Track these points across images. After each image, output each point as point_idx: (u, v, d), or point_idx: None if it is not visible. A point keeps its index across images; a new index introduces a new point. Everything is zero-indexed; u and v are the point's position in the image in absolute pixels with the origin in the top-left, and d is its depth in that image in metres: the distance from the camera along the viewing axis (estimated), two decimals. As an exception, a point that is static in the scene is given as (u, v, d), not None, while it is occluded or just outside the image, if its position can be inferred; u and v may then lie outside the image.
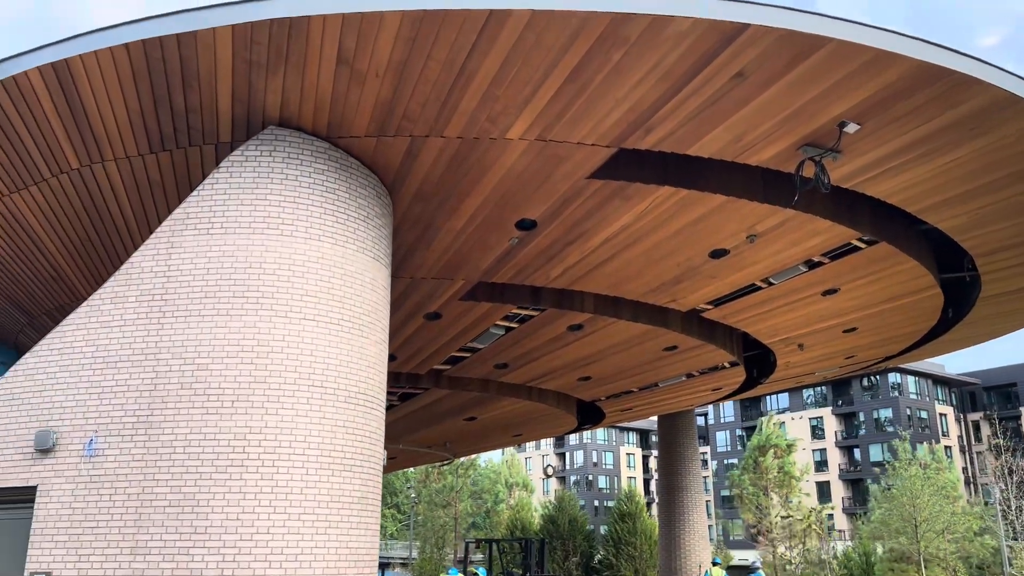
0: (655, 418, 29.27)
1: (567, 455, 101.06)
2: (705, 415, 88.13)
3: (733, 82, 8.39)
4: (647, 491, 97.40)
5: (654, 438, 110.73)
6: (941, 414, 74.72)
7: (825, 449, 75.06)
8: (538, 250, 11.83)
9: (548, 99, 8.64)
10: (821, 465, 73.97)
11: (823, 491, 71.39)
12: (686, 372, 18.67)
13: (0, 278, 13.20)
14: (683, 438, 28.65)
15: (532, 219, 10.96)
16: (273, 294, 8.77)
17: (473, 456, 47.15)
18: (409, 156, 9.62)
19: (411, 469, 54.43)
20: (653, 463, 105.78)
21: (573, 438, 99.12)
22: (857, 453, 73.58)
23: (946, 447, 67.08)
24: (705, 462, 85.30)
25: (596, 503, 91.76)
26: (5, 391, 9.29)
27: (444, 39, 7.76)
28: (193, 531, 8.00)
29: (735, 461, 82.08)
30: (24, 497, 8.77)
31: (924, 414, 72.27)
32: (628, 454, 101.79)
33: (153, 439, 8.37)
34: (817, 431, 76.30)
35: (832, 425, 75.73)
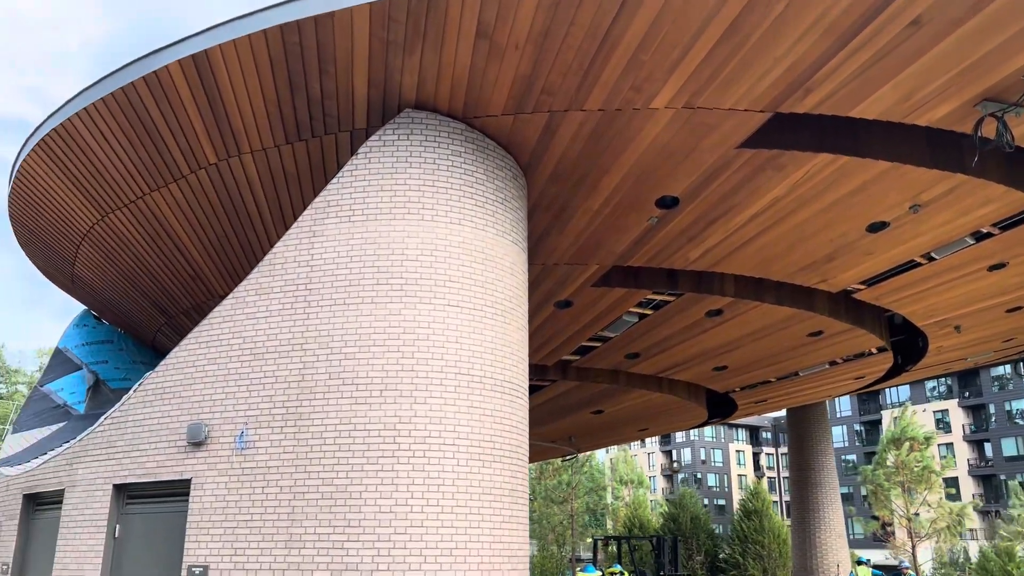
0: (767, 414, 27.93)
1: (674, 452, 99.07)
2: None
3: (907, 32, 7.56)
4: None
5: (765, 435, 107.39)
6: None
7: (952, 444, 70.64)
8: (678, 230, 11.19)
9: (699, 62, 8.03)
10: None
11: (952, 487, 67.27)
12: (830, 360, 17.56)
13: (142, 279, 13.55)
14: (816, 431, 27.23)
15: (674, 196, 10.35)
16: (416, 280, 8.50)
17: (588, 452, 46.60)
18: (546, 133, 9.18)
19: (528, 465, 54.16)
20: (764, 460, 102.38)
21: (680, 435, 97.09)
22: (988, 448, 68.92)
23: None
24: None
25: (706, 501, 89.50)
26: (156, 385, 9.38)
27: (589, 2, 7.27)
28: (347, 524, 7.80)
29: (852, 457, 78.33)
30: (179, 490, 8.81)
31: (1064, 405, 67.13)
32: (738, 451, 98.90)
33: (303, 430, 8.23)
34: (942, 424, 71.88)
35: (959, 418, 71.20)
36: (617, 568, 15.83)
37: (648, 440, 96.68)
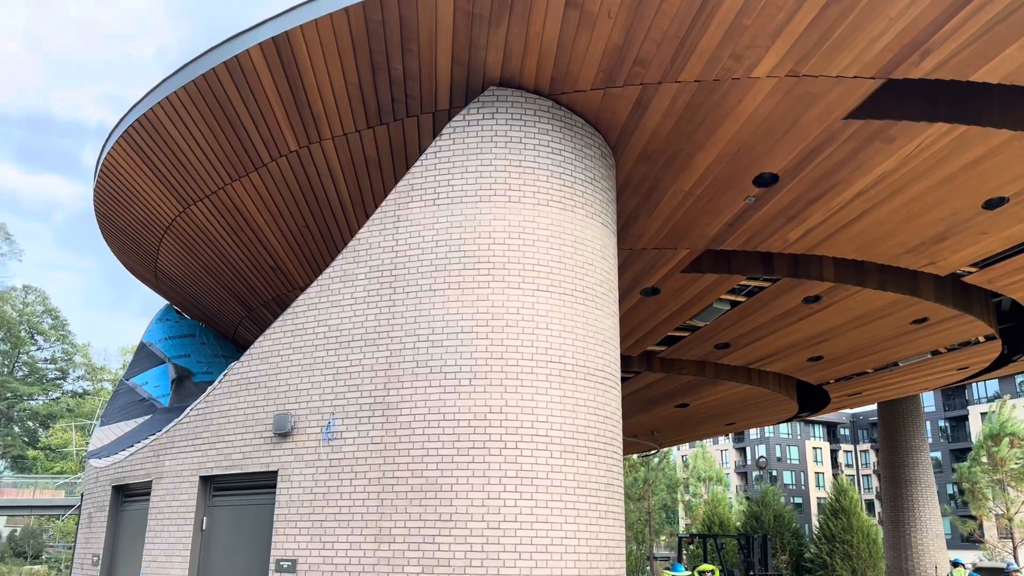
0: (845, 410, 26.60)
1: (748, 450, 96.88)
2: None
3: (1042, -19, 6.83)
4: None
5: (843, 431, 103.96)
6: None
7: (1049, 440, 66.91)
8: (776, 210, 10.55)
9: (806, 25, 7.43)
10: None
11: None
12: (932, 349, 16.54)
13: (223, 271, 13.56)
14: (910, 426, 25.91)
15: (773, 173, 9.72)
16: (504, 264, 8.13)
17: (664, 449, 45.69)
18: (637, 108, 8.69)
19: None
20: (842, 458, 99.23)
21: (754, 432, 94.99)
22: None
23: None
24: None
25: (782, 499, 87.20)
26: (241, 375, 9.25)
27: (689, -39, 6.77)
28: (438, 518, 7.49)
29: (937, 455, 75.02)
30: (266, 482, 8.64)
31: None
32: (815, 448, 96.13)
33: (391, 420, 7.96)
34: (1037, 419, 68.16)
35: (1055, 412, 67.44)
36: (708, 567, 15.21)
37: (720, 437, 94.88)
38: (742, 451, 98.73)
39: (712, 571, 14.88)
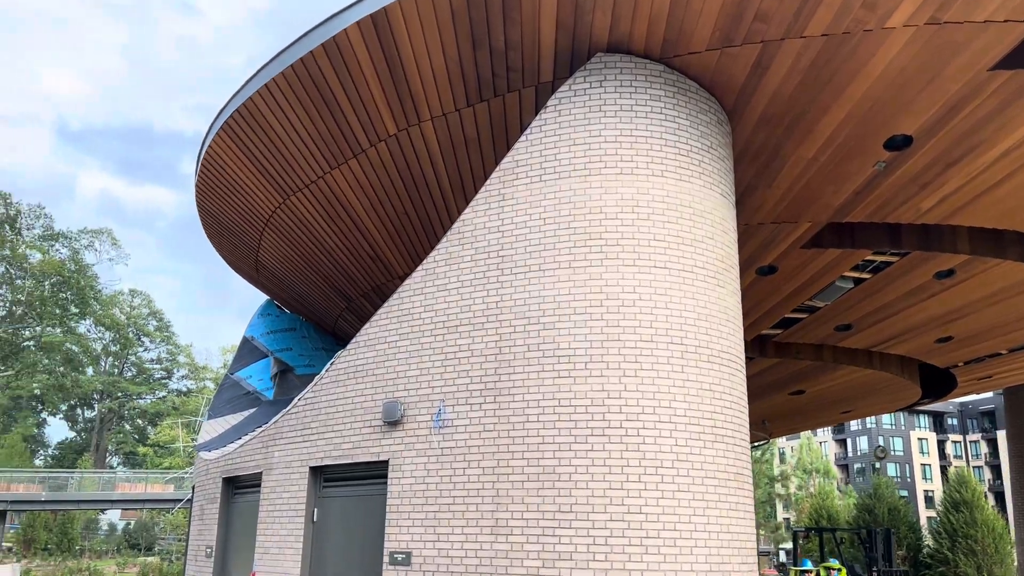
0: (954, 399, 24.71)
1: (848, 441, 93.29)
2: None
3: None
4: (944, 479, 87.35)
5: (951, 421, 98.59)
6: None
7: None
8: (909, 176, 9.70)
9: (951, -37, 6.68)
10: None
11: None
12: (1075, 327, 15.18)
13: (323, 262, 13.50)
14: (1040, 413, 24.10)
15: (906, 135, 8.91)
16: (617, 240, 7.64)
17: (769, 440, 44.11)
18: (757, 69, 8.05)
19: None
20: (950, 448, 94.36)
21: (855, 423, 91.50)
22: None
23: None
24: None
25: (896, 492, 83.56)
26: (348, 364, 9.06)
27: None
28: (556, 509, 7.08)
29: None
30: (377, 472, 8.42)
31: None
32: (920, 439, 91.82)
33: (503, 407, 7.59)
34: None
35: None
36: (835, 563, 14.33)
37: (819, 428, 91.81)
38: (842, 443, 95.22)
39: (840, 570, 13.99)
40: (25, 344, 57.16)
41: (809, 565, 13.78)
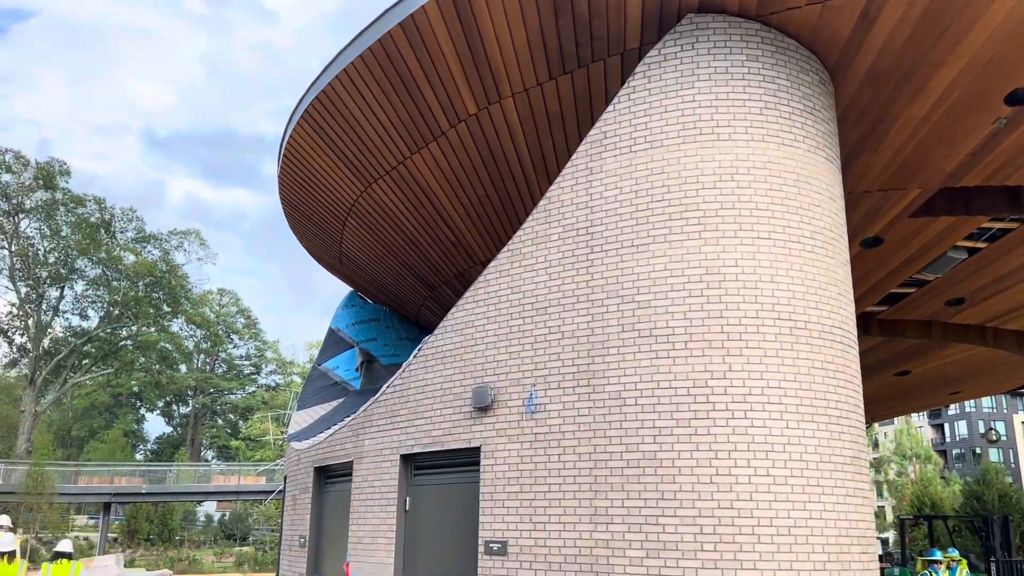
0: None
1: (946, 426, 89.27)
2: None
3: None
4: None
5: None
6: None
7: None
8: (1032, 133, 8.89)
9: None
10: None
11: None
12: None
13: (405, 250, 13.38)
14: None
15: (1031, 87, 8.14)
16: (716, 211, 7.18)
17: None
18: (862, 23, 7.44)
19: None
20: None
21: (953, 407, 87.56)
22: None
23: None
24: None
25: (1008, 478, 79.61)
26: (436, 349, 8.85)
27: None
28: (659, 496, 6.69)
29: None
30: (469, 460, 8.19)
31: None
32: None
33: (598, 390, 7.23)
34: None
35: None
36: (954, 553, 13.50)
37: (914, 413, 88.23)
38: (939, 428, 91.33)
39: (960, 561, 13.16)
40: (122, 343, 59.64)
41: (938, 555, 12.96)
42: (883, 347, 15.68)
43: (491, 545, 7.59)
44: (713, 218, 7.16)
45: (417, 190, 11.35)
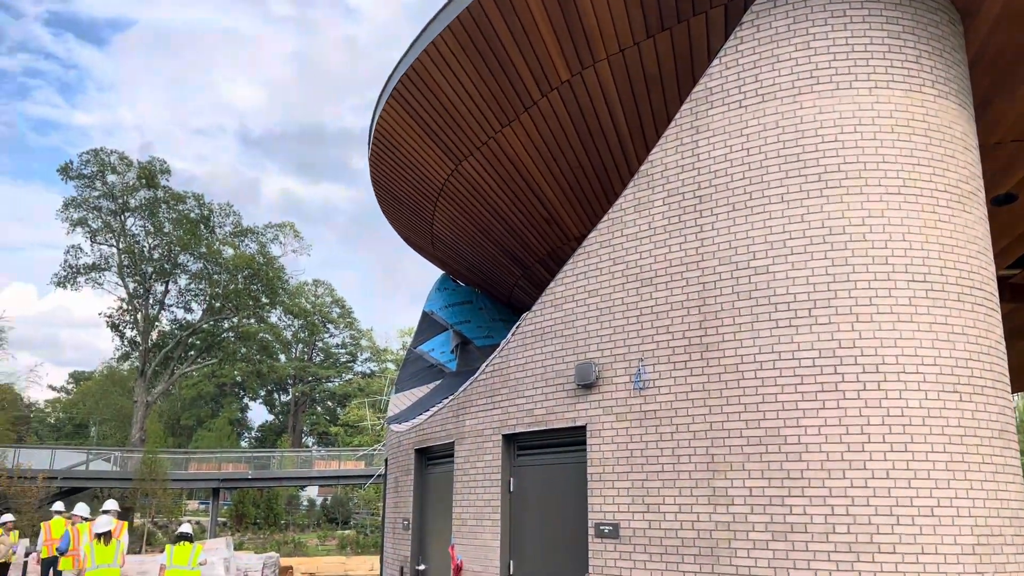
0: None
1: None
2: None
3: None
4: None
5: None
6: None
7: None
8: None
9: None
10: None
11: None
12: None
13: (496, 228, 13.12)
14: None
15: None
16: (837, 166, 6.60)
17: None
18: (999, -49, 6.70)
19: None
20: None
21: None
22: None
23: None
24: None
25: None
26: (535, 326, 8.54)
27: None
28: (785, 475, 6.21)
29: None
30: (574, 439, 7.86)
31: None
32: None
33: (712, 364, 6.78)
34: None
35: None
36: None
37: None
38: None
39: None
40: (225, 335, 61.89)
41: None
42: (1017, 313, 14.53)
43: (602, 527, 7.25)
44: (835, 173, 6.58)
45: (508, 165, 11.04)
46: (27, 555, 19.07)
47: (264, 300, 60.59)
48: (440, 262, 16.58)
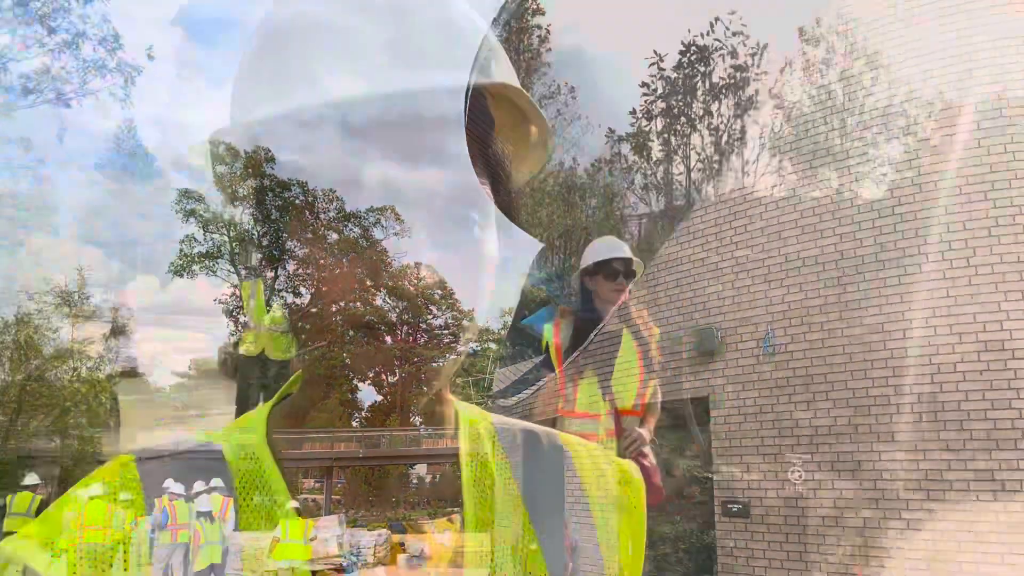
0: None
1: None
2: None
3: None
4: None
5: None
6: None
7: None
8: None
9: None
10: None
11: None
12: None
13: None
14: None
15: None
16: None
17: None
18: None
19: None
20: None
21: None
22: None
23: None
24: None
25: None
26: (647, 291, 7.97)
27: None
28: (944, 447, 5.47)
29: None
30: (699, 409, 7.27)
31: None
32: None
33: (853, 324, 6.07)
34: None
35: None
36: None
37: None
38: None
39: None
40: (331, 318, 63.73)
41: None
42: None
43: (730, 506, 6.66)
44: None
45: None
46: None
47: (368, 283, 62.02)
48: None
